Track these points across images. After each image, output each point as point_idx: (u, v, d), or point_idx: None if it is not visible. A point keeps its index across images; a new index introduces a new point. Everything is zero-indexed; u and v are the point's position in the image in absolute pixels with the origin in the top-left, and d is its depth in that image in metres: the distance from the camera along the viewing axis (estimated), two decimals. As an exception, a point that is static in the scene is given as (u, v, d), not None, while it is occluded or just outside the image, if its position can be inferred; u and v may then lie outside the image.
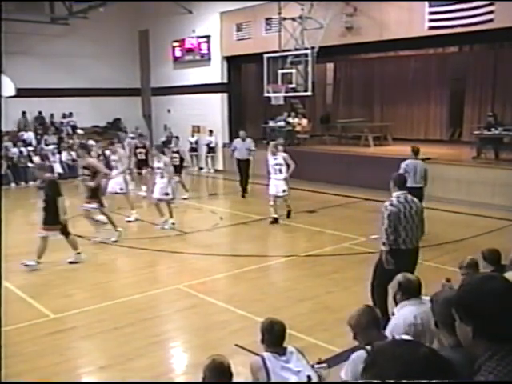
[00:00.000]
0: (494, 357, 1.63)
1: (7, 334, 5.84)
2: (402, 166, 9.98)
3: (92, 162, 10.04)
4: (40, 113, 20.81)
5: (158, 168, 11.37)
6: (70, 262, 8.79)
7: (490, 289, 1.70)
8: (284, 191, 11.61)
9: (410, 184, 8.86)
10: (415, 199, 6.09)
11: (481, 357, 1.67)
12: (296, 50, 16.06)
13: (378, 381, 1.36)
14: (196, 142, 20.60)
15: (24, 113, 20.17)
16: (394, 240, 5.88)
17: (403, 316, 4.06)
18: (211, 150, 20.18)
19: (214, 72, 19.96)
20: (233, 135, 20.18)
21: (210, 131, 19.96)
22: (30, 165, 18.46)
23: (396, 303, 4.24)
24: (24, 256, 9.47)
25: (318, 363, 3.95)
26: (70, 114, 21.44)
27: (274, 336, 3.83)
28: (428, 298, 3.29)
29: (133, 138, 21.47)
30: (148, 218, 12.55)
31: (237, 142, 15.27)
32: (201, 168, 20.45)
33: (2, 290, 6.28)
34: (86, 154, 10.17)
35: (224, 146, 19.55)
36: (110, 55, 21.41)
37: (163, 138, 21.50)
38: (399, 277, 4.24)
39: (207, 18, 19.78)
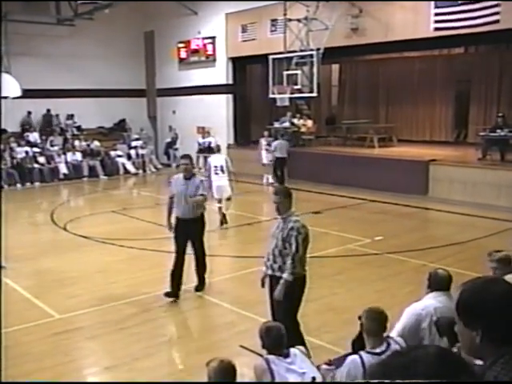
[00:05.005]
0: (500, 360, 1.61)
1: (13, 335, 5.88)
2: (274, 144, 15.60)
3: None
4: (48, 111, 20.59)
5: None
6: None
7: (495, 292, 1.68)
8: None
9: (280, 155, 15.18)
10: None
11: (486, 362, 1.64)
12: (301, 51, 16.06)
13: (378, 381, 1.36)
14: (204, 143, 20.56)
15: (29, 113, 20.13)
16: (303, 266, 5.17)
17: (417, 305, 4.18)
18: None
19: (220, 73, 19.99)
20: (238, 136, 20.21)
21: (208, 132, 19.89)
22: (35, 165, 18.49)
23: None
24: (26, 256, 9.52)
25: (327, 364, 3.92)
26: (73, 116, 21.35)
27: (273, 340, 3.80)
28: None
29: (137, 139, 21.56)
30: (151, 219, 12.58)
31: (175, 179, 7.48)
32: (205, 169, 20.42)
33: (2, 290, 6.32)
34: None
35: (228, 146, 19.52)
36: (115, 56, 21.45)
37: (168, 139, 21.56)
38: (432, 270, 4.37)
39: (212, 19, 19.82)
